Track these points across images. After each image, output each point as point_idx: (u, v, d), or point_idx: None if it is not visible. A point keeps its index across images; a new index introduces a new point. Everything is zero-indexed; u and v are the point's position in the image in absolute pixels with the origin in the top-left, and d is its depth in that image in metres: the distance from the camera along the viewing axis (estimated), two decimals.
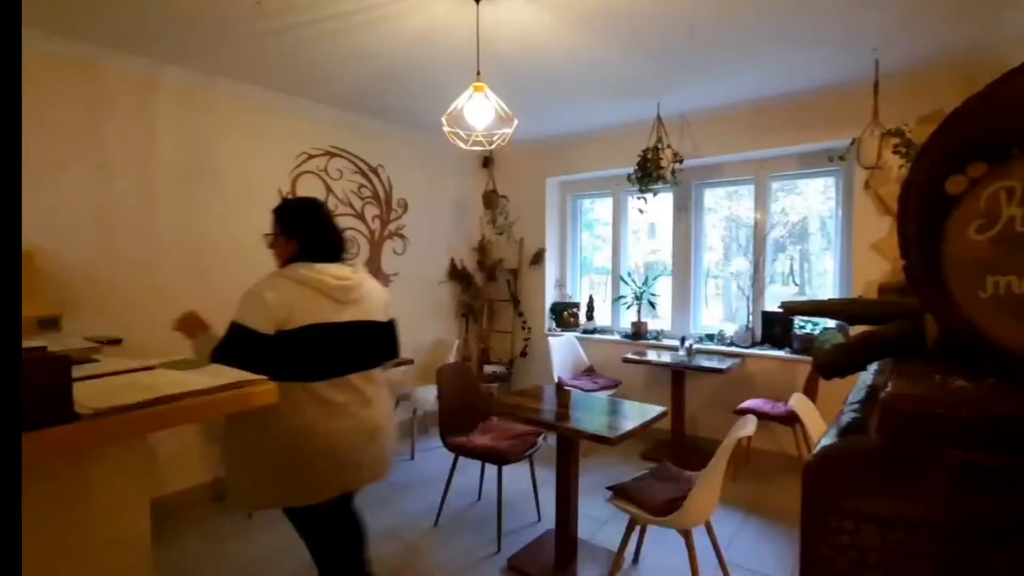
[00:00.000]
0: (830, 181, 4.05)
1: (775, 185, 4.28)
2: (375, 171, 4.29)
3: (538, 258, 5.05)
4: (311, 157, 3.88)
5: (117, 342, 2.49)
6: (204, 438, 3.33)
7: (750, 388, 3.99)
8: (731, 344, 4.19)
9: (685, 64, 3.15)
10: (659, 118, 3.95)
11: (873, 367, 0.92)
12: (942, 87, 3.17)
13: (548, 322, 5.12)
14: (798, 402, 2.42)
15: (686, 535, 2.17)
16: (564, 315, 5.04)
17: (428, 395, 3.92)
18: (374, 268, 4.32)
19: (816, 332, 3.87)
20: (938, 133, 0.64)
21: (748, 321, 4.22)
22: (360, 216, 4.20)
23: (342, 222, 4.06)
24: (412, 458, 3.96)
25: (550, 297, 5.14)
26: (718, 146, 4.08)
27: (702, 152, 4.13)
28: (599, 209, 5.28)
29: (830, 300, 1.09)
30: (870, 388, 0.70)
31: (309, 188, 3.87)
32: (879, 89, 3.15)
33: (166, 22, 2.60)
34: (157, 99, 3.11)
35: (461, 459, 2.96)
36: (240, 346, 1.58)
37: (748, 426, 2.14)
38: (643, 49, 2.93)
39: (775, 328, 4.10)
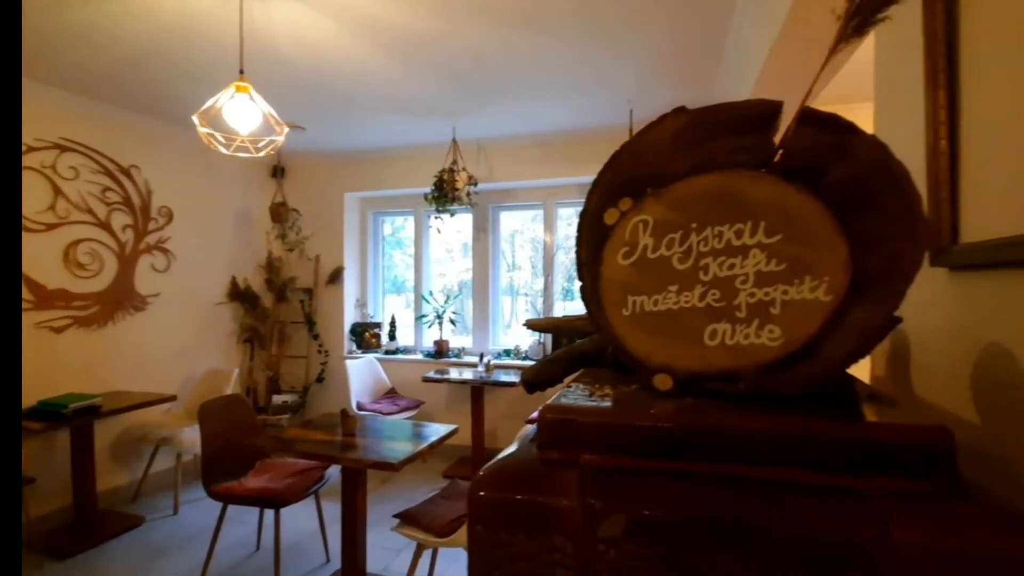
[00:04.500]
0: None
1: (568, 211, 4.73)
2: (127, 172, 3.61)
3: (336, 276, 4.79)
4: (32, 150, 3.10)
5: None
6: None
7: (543, 397, 4.29)
8: (526, 358, 4.47)
9: (475, 93, 3.31)
10: (455, 141, 4.08)
11: None
12: None
13: (348, 344, 4.86)
14: None
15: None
16: (366, 336, 4.84)
17: (196, 436, 3.37)
18: (126, 287, 3.61)
19: None
20: (603, 170, 0.73)
21: (540, 336, 4.56)
22: (104, 225, 3.48)
23: (77, 232, 3.33)
24: (175, 513, 3.35)
25: (350, 318, 4.89)
26: (511, 172, 4.37)
27: (497, 176, 4.38)
28: (411, 227, 5.23)
29: (563, 317, 1.20)
30: None
31: (29, 188, 3.08)
32: (633, 134, 3.71)
33: None
34: None
35: (237, 507, 2.59)
36: None
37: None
38: (433, 73, 3.00)
39: (562, 341, 4.50)
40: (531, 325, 1.25)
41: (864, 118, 1.02)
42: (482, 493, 0.51)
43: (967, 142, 0.70)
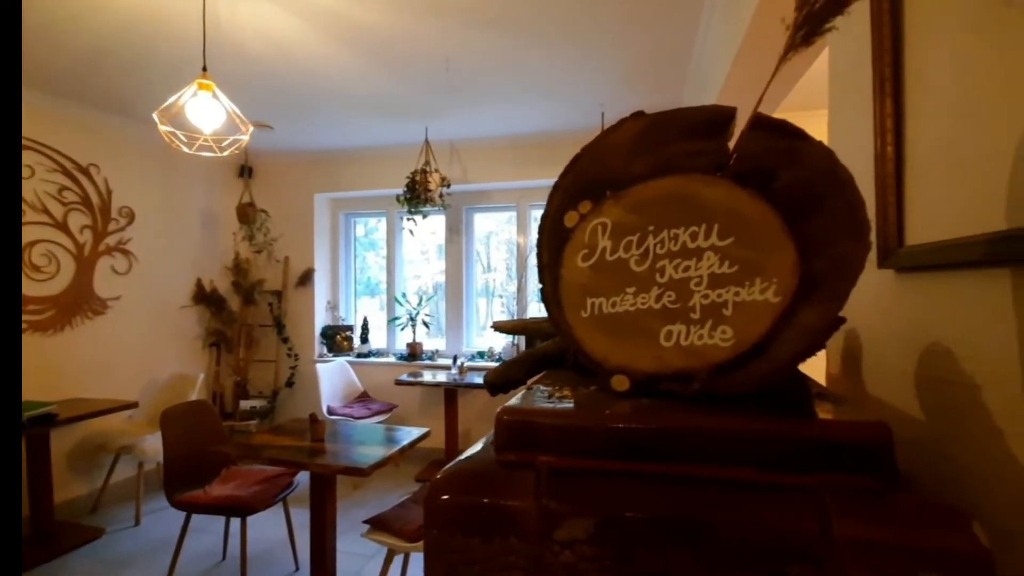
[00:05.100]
0: None
1: (538, 212, 4.75)
2: (85, 171, 3.48)
3: (306, 279, 4.70)
4: None
5: None
6: None
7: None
8: (499, 359, 4.46)
9: (447, 94, 3.29)
10: (427, 142, 4.06)
11: None
12: None
13: (319, 347, 4.78)
14: None
15: None
16: (337, 339, 4.77)
17: (159, 444, 3.27)
18: (84, 290, 3.48)
19: None
20: (564, 173, 0.73)
21: (514, 338, 4.56)
22: (61, 226, 3.35)
23: (33, 233, 3.20)
24: (137, 524, 3.24)
25: (321, 320, 4.82)
26: (484, 173, 4.36)
27: (470, 178, 4.37)
28: (384, 229, 5.17)
29: (530, 319, 1.20)
30: None
31: None
32: None
33: None
34: None
35: (202, 517, 2.52)
36: None
37: None
38: (404, 73, 2.97)
39: (536, 343, 4.51)
40: (498, 327, 1.25)
41: (823, 126, 1.05)
42: (437, 497, 0.51)
43: (912, 148, 0.73)
